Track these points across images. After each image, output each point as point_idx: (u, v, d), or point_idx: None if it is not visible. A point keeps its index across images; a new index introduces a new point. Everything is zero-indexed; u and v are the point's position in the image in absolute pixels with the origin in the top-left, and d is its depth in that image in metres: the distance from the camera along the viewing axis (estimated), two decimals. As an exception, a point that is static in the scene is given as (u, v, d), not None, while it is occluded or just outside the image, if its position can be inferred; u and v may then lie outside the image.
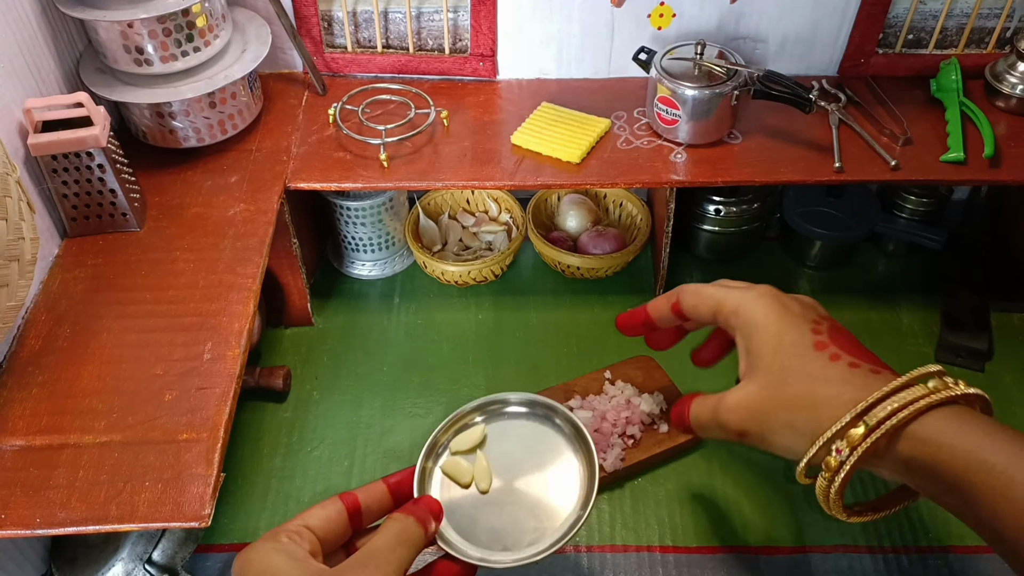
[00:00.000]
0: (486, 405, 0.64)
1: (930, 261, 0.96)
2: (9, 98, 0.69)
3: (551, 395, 0.74)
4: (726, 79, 0.80)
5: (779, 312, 0.57)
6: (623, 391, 0.78)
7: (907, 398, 0.49)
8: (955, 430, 0.48)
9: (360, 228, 0.92)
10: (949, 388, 0.49)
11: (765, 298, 0.58)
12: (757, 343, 0.57)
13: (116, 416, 0.62)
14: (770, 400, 0.55)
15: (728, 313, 0.59)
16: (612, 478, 0.74)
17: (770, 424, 0.55)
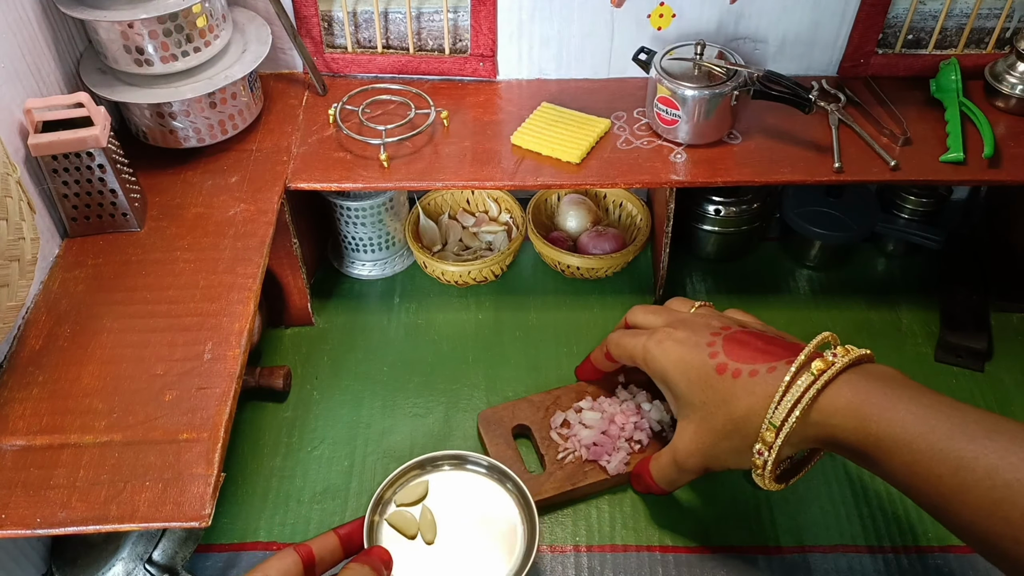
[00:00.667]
0: (428, 461, 0.70)
1: (930, 261, 0.96)
2: (9, 98, 0.69)
3: (563, 395, 0.77)
4: (726, 79, 0.80)
5: (677, 352, 0.63)
6: (635, 396, 0.78)
7: (797, 393, 0.54)
8: (841, 410, 0.53)
9: (360, 228, 0.92)
10: (832, 364, 0.54)
11: (662, 344, 0.64)
12: (672, 385, 0.64)
13: (116, 416, 0.62)
14: (708, 435, 0.61)
15: (640, 363, 0.67)
16: (614, 482, 0.74)
17: (718, 454, 0.61)
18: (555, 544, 0.72)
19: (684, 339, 0.63)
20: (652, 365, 0.65)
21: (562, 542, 0.72)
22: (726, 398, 0.59)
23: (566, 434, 0.74)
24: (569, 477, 0.72)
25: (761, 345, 0.60)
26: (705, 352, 0.61)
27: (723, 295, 0.93)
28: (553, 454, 0.73)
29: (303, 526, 0.73)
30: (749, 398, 0.57)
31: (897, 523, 0.73)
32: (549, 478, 0.71)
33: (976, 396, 0.82)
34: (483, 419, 0.77)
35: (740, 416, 0.58)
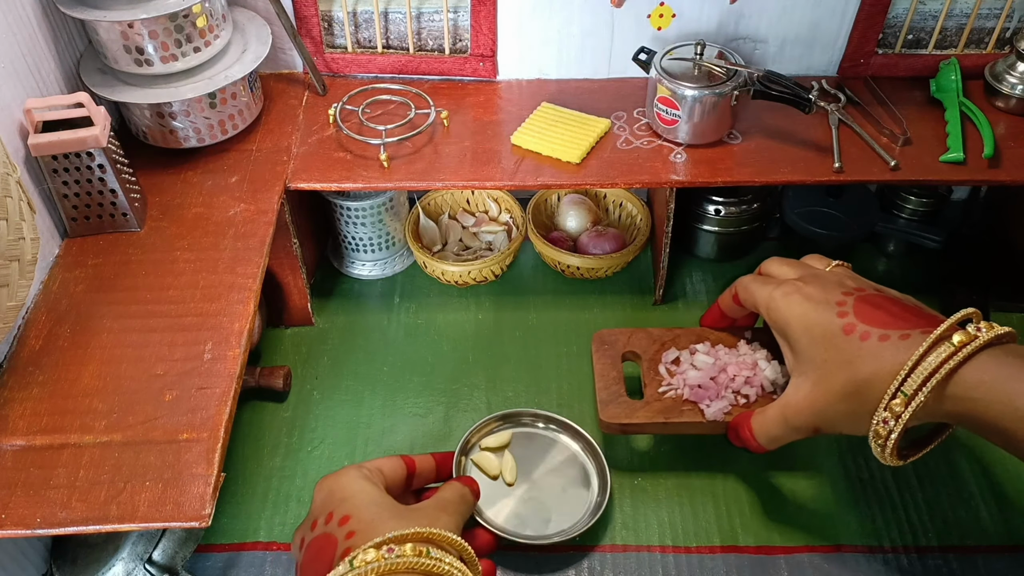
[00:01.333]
0: (512, 415, 0.79)
1: (930, 261, 0.96)
2: (9, 98, 0.69)
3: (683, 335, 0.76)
4: (726, 79, 0.80)
5: (803, 307, 0.61)
6: (755, 352, 0.74)
7: (934, 363, 0.52)
8: (986, 384, 0.51)
9: (360, 228, 0.92)
10: (975, 338, 0.52)
11: (789, 296, 0.62)
12: (793, 340, 0.61)
13: (116, 416, 0.62)
14: (824, 395, 0.58)
15: (763, 312, 0.65)
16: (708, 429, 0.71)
17: (832, 416, 0.59)
18: (555, 544, 0.72)
19: (813, 294, 0.61)
20: (775, 316, 0.63)
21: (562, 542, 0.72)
22: (850, 359, 0.57)
23: (675, 371, 0.73)
24: (664, 410, 0.70)
25: (896, 311, 0.58)
26: (833, 310, 0.59)
27: (723, 295, 0.93)
28: (655, 386, 0.72)
29: (303, 526, 0.73)
30: (876, 362, 0.55)
31: (897, 523, 0.73)
32: (645, 406, 0.70)
33: (976, 396, 0.82)
34: (597, 338, 0.76)
35: (863, 379, 0.56)
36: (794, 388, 0.62)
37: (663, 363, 0.74)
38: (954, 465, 0.77)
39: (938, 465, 0.77)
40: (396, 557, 0.50)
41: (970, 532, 0.72)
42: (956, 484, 0.76)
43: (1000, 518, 0.73)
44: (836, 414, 0.59)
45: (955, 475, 0.76)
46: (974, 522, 0.73)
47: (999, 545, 0.71)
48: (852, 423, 0.58)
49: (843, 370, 0.57)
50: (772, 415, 0.63)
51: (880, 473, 0.76)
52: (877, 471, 0.76)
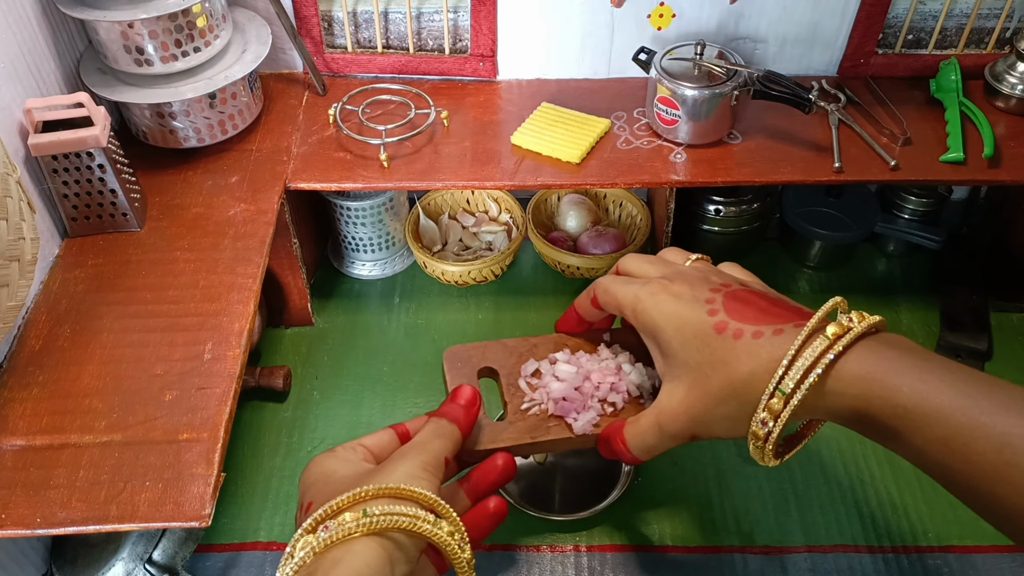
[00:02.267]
0: None
1: (929, 261, 0.96)
2: (9, 98, 0.69)
3: (541, 343, 0.71)
4: (726, 79, 0.80)
5: (672, 306, 0.57)
6: (617, 356, 0.72)
7: (811, 357, 0.49)
8: (865, 379, 0.49)
9: (360, 228, 0.92)
10: (849, 329, 0.50)
11: (656, 296, 0.58)
12: (664, 343, 0.57)
13: (116, 416, 0.62)
14: (701, 399, 0.55)
15: (628, 314, 0.60)
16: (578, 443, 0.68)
17: (709, 421, 0.55)
18: (555, 544, 0.72)
19: (681, 293, 0.57)
20: (642, 318, 0.59)
21: (562, 542, 0.72)
22: (725, 359, 0.53)
23: (536, 384, 0.68)
24: (530, 429, 0.65)
25: (765, 305, 0.55)
26: (703, 309, 0.55)
27: (723, 295, 0.93)
28: (517, 403, 0.67)
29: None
30: (752, 361, 0.52)
31: (897, 523, 0.73)
32: (509, 427, 0.65)
33: (976, 396, 0.82)
34: (449, 355, 0.68)
35: (740, 380, 0.52)
36: (667, 394, 0.58)
37: (523, 377, 0.68)
38: (954, 465, 0.77)
39: (938, 465, 0.77)
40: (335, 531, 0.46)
41: (970, 532, 0.72)
42: (956, 484, 0.76)
43: (1000, 518, 0.73)
44: (713, 418, 0.55)
45: (955, 475, 0.76)
46: (974, 522, 0.72)
47: (999, 545, 0.71)
48: (731, 426, 0.55)
49: (718, 371, 0.54)
50: (645, 424, 0.59)
51: (880, 473, 0.76)
52: (877, 471, 0.76)
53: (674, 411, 0.57)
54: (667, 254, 0.66)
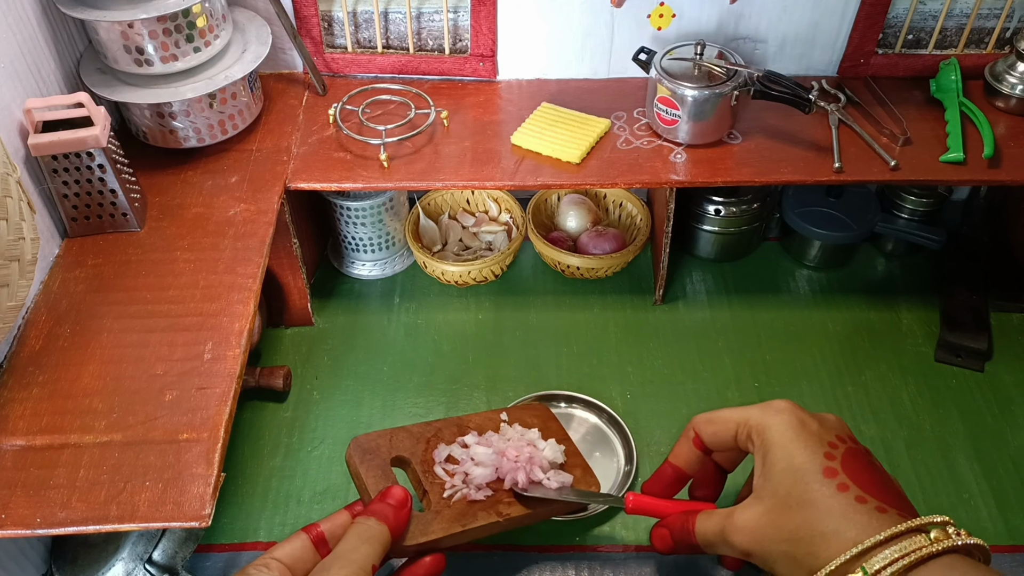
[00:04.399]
0: (543, 397, 0.81)
1: (930, 261, 0.96)
2: (9, 98, 0.69)
3: (444, 427, 0.70)
4: (726, 79, 0.80)
5: (795, 430, 0.56)
6: (523, 435, 0.70)
7: (908, 548, 0.48)
8: None
9: (360, 228, 0.92)
10: (950, 538, 0.49)
11: (784, 414, 0.57)
12: (770, 461, 0.56)
13: (116, 416, 0.62)
14: (771, 526, 0.54)
15: (750, 432, 0.58)
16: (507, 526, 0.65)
17: (771, 551, 0.54)
18: (555, 544, 0.72)
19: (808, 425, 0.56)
20: (763, 435, 0.57)
21: (562, 542, 0.72)
22: (816, 503, 0.52)
23: (453, 470, 0.66)
24: (459, 517, 0.63)
25: (880, 479, 0.54)
26: (822, 449, 0.54)
27: (723, 295, 0.93)
28: (439, 491, 0.64)
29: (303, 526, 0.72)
30: (843, 522, 0.50)
31: (897, 523, 0.73)
32: (436, 517, 0.62)
33: (976, 396, 0.82)
34: (355, 446, 0.65)
35: (820, 532, 0.51)
36: (744, 507, 0.57)
37: (438, 463, 0.66)
38: (954, 465, 0.77)
39: (938, 465, 0.77)
40: None
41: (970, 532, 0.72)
42: (956, 484, 0.76)
43: (1000, 518, 0.73)
44: (776, 551, 0.53)
45: (955, 475, 0.76)
46: (974, 522, 0.73)
47: (999, 545, 0.71)
48: (787, 568, 0.53)
49: (805, 511, 0.52)
50: (714, 522, 0.58)
51: (880, 473, 0.76)
52: (877, 471, 0.76)
53: (741, 525, 0.56)
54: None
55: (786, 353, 0.87)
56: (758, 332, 0.89)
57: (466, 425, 0.70)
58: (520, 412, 0.73)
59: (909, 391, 0.83)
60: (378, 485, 0.62)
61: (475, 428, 0.70)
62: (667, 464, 0.65)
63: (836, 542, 0.50)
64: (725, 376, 0.85)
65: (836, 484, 0.52)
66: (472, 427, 0.70)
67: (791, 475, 0.54)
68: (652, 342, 0.88)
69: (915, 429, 0.80)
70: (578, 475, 0.69)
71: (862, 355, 0.86)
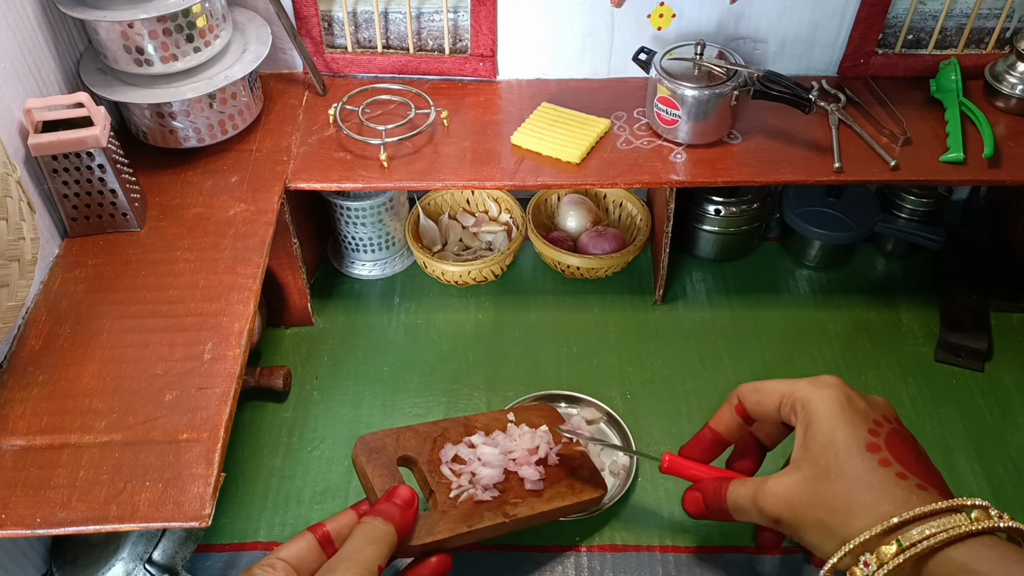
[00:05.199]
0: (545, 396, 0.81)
1: (930, 261, 0.96)
2: (9, 98, 0.69)
3: (451, 427, 0.70)
4: (726, 79, 0.80)
5: (841, 405, 0.56)
6: (535, 431, 0.71)
7: (947, 524, 0.48)
8: (989, 562, 0.47)
9: (360, 228, 0.92)
10: (991, 519, 0.48)
11: (832, 389, 0.57)
12: (812, 433, 0.56)
13: (116, 416, 0.62)
14: (808, 494, 0.54)
15: (794, 404, 0.58)
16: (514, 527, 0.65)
17: (804, 518, 0.54)
18: (555, 544, 0.72)
19: (855, 402, 0.56)
20: (808, 407, 0.56)
21: (562, 542, 0.72)
22: (857, 476, 0.52)
23: (460, 470, 0.66)
24: (465, 518, 0.63)
25: (923, 461, 0.54)
26: (867, 425, 0.54)
27: (723, 295, 0.93)
28: (445, 491, 0.64)
29: (303, 526, 0.73)
30: (883, 495, 0.50)
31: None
32: (443, 517, 0.62)
33: (976, 396, 0.82)
34: (362, 445, 0.64)
35: (858, 503, 0.50)
36: (780, 475, 0.57)
37: (444, 463, 0.66)
38: (954, 465, 0.77)
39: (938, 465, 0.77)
40: None
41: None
42: (956, 484, 0.75)
43: (1000, 518, 0.73)
44: (809, 518, 0.53)
45: (955, 475, 0.76)
46: (974, 522, 0.73)
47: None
48: (818, 537, 0.53)
49: (842, 482, 0.52)
50: (747, 489, 0.58)
51: (880, 473, 0.76)
52: (877, 471, 0.76)
53: (774, 490, 0.56)
54: None
55: (786, 353, 0.87)
56: (758, 332, 0.89)
57: (473, 425, 0.70)
58: (527, 412, 0.73)
59: (909, 391, 0.83)
60: (384, 484, 0.61)
61: (482, 428, 0.70)
62: (707, 428, 0.64)
63: (873, 513, 0.50)
64: (725, 376, 0.85)
65: (878, 459, 0.52)
66: (479, 427, 0.70)
67: (832, 448, 0.54)
68: (652, 342, 0.88)
69: (915, 429, 0.78)
70: (586, 476, 0.70)
71: (862, 355, 0.86)
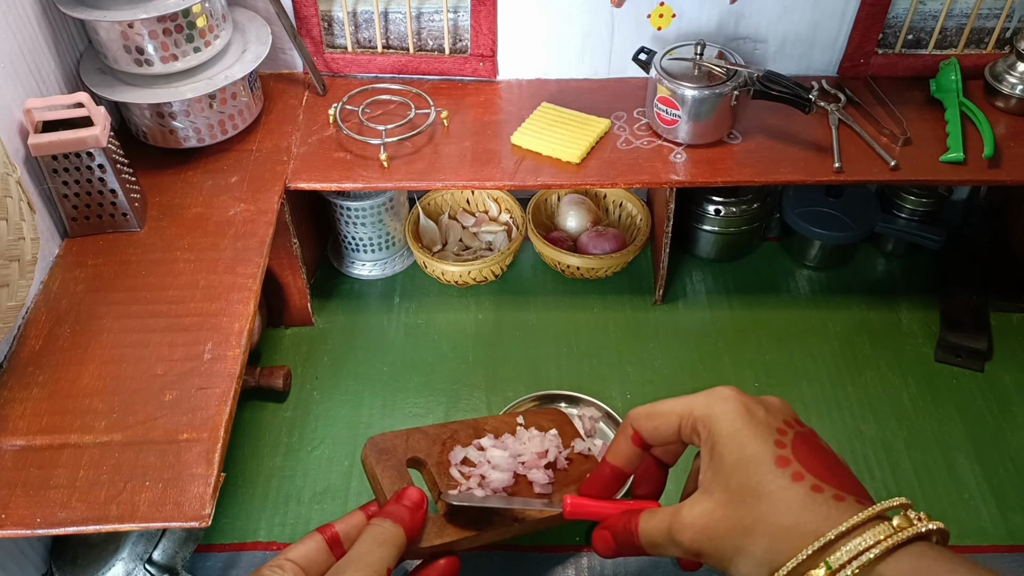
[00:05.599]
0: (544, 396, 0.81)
1: (930, 261, 0.96)
2: (9, 98, 0.69)
3: (460, 429, 0.69)
4: (726, 79, 0.80)
5: (744, 418, 0.53)
6: (535, 438, 0.70)
7: (872, 539, 0.46)
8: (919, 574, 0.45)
9: (360, 228, 0.92)
10: (913, 525, 0.46)
11: (729, 402, 0.54)
12: (719, 453, 0.53)
13: (116, 416, 0.62)
14: (725, 522, 0.51)
15: (695, 424, 0.55)
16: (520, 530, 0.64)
17: (726, 548, 0.51)
18: (555, 544, 0.72)
19: (755, 412, 0.53)
20: (711, 425, 0.54)
21: (562, 542, 0.72)
22: (771, 495, 0.49)
23: (469, 472, 0.65)
24: (474, 520, 0.62)
25: (832, 463, 0.51)
26: (772, 437, 0.51)
27: (723, 295, 0.93)
28: (454, 494, 0.63)
29: (303, 526, 0.73)
30: (803, 513, 0.48)
31: (897, 523, 0.73)
32: (452, 520, 0.61)
33: (976, 396, 0.82)
34: (372, 446, 0.63)
35: (780, 525, 0.48)
36: (691, 503, 0.53)
37: (454, 465, 0.65)
38: (954, 465, 0.77)
39: (938, 465, 0.77)
40: None
41: (970, 532, 0.72)
42: (956, 484, 0.76)
43: (1000, 518, 0.73)
44: (731, 548, 0.50)
45: (955, 475, 0.76)
46: (974, 522, 0.73)
47: (999, 545, 0.71)
48: (745, 566, 0.50)
49: (760, 504, 0.49)
50: (658, 521, 0.55)
51: (880, 474, 0.76)
52: (877, 471, 0.76)
53: (689, 522, 0.52)
54: None
55: (786, 353, 0.87)
56: (758, 332, 0.89)
57: (482, 427, 0.70)
58: (536, 416, 0.72)
59: (909, 391, 0.83)
60: (394, 486, 0.61)
61: (492, 431, 0.69)
62: (604, 463, 0.61)
63: (796, 535, 0.47)
64: (725, 376, 0.85)
65: (790, 474, 0.50)
66: (488, 429, 0.69)
67: (743, 466, 0.51)
68: (652, 342, 0.88)
69: (915, 429, 0.80)
70: None
71: (862, 355, 0.86)
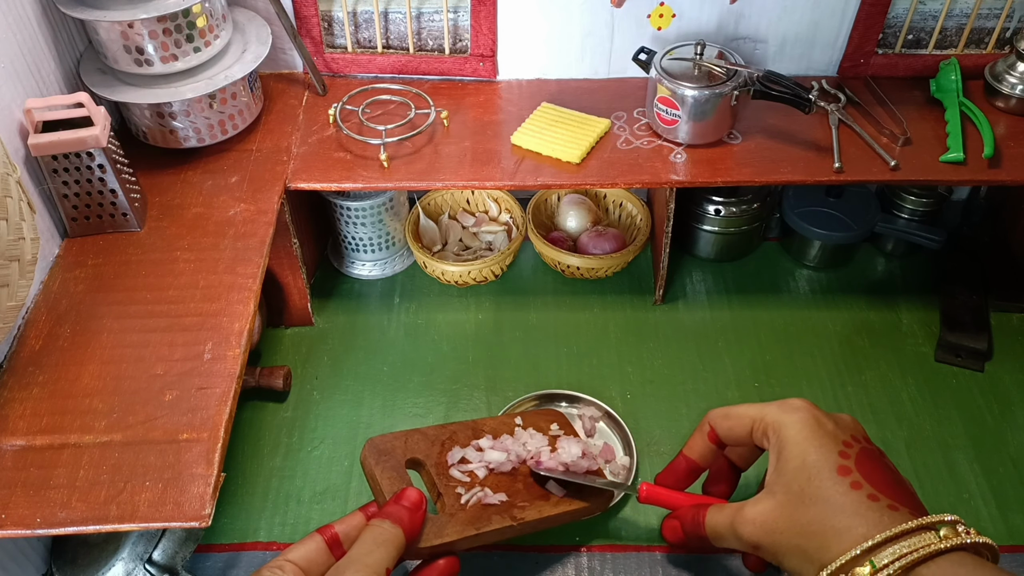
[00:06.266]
0: (544, 396, 0.81)
1: (930, 261, 0.96)
2: (9, 98, 0.69)
3: (459, 430, 0.70)
4: (726, 79, 0.80)
5: (811, 428, 0.57)
6: (533, 438, 0.71)
7: (917, 544, 0.49)
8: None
9: (360, 228, 0.92)
10: (959, 536, 0.50)
11: (800, 412, 0.58)
12: (785, 457, 0.57)
13: (116, 416, 0.62)
14: (784, 520, 0.55)
15: (766, 429, 0.59)
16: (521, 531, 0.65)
17: (781, 544, 0.55)
18: (555, 544, 0.72)
19: (824, 424, 0.57)
20: (780, 431, 0.58)
21: (562, 542, 0.72)
22: (829, 499, 0.53)
23: (466, 470, 0.66)
24: (473, 520, 0.62)
25: (893, 479, 0.55)
26: (836, 448, 0.56)
27: (723, 295, 0.93)
28: (452, 494, 0.64)
29: (303, 526, 0.73)
30: (856, 518, 0.52)
31: (897, 523, 0.73)
32: (451, 520, 0.62)
33: (976, 396, 0.82)
34: (371, 447, 0.64)
35: (834, 527, 0.52)
36: (755, 501, 0.58)
37: (452, 466, 0.66)
38: (954, 465, 0.77)
39: (938, 465, 0.77)
40: None
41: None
42: (956, 484, 0.76)
43: (1000, 518, 0.73)
44: (787, 545, 0.55)
45: (955, 475, 0.76)
46: (974, 522, 0.73)
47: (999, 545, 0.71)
48: (797, 562, 0.54)
49: (817, 507, 0.53)
50: (724, 515, 0.59)
51: (880, 473, 0.76)
52: (877, 471, 0.77)
53: (751, 517, 0.57)
54: None
55: (786, 353, 0.87)
56: (758, 332, 0.89)
57: (481, 429, 0.70)
58: (535, 417, 0.73)
59: (909, 391, 0.83)
60: (393, 487, 0.61)
61: (490, 432, 0.70)
62: (681, 456, 0.66)
63: (847, 537, 0.51)
64: (725, 376, 0.85)
65: (849, 482, 0.53)
66: (487, 431, 0.70)
67: (804, 472, 0.55)
68: (652, 342, 0.88)
69: (915, 429, 0.80)
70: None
71: (862, 355, 0.86)
